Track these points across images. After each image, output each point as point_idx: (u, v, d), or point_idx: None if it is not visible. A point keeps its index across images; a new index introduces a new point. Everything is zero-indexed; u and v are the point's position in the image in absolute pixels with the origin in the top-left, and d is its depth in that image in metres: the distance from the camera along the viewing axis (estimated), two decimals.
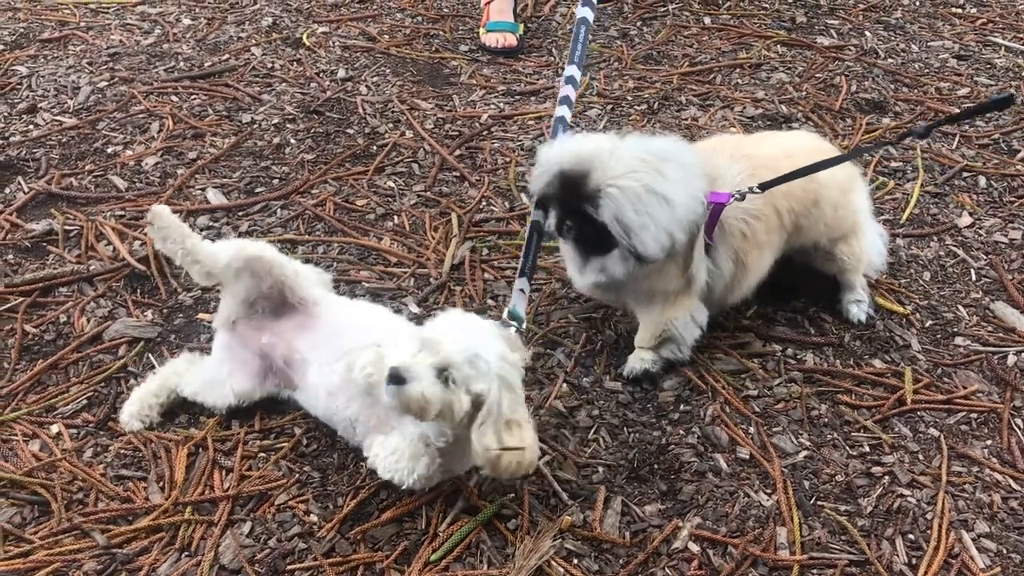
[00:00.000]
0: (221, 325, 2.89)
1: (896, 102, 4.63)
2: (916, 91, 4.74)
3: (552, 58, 5.03)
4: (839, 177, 3.08)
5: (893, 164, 4.19)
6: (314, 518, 2.54)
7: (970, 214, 3.86)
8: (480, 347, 2.34)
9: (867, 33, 5.27)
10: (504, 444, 2.33)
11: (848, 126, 4.45)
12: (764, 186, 2.83)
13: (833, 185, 3.06)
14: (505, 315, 2.74)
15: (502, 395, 2.34)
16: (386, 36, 5.19)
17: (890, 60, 5.02)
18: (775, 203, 2.93)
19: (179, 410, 2.85)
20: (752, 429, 2.88)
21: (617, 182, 2.66)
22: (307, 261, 3.44)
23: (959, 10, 5.57)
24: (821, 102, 4.61)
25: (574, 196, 2.72)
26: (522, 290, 2.85)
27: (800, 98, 4.65)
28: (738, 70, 4.92)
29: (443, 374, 2.29)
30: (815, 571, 2.48)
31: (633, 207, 2.65)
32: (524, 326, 2.72)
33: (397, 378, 2.26)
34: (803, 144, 3.19)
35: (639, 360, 3.01)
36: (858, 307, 3.29)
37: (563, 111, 3.30)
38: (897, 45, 5.17)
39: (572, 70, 3.44)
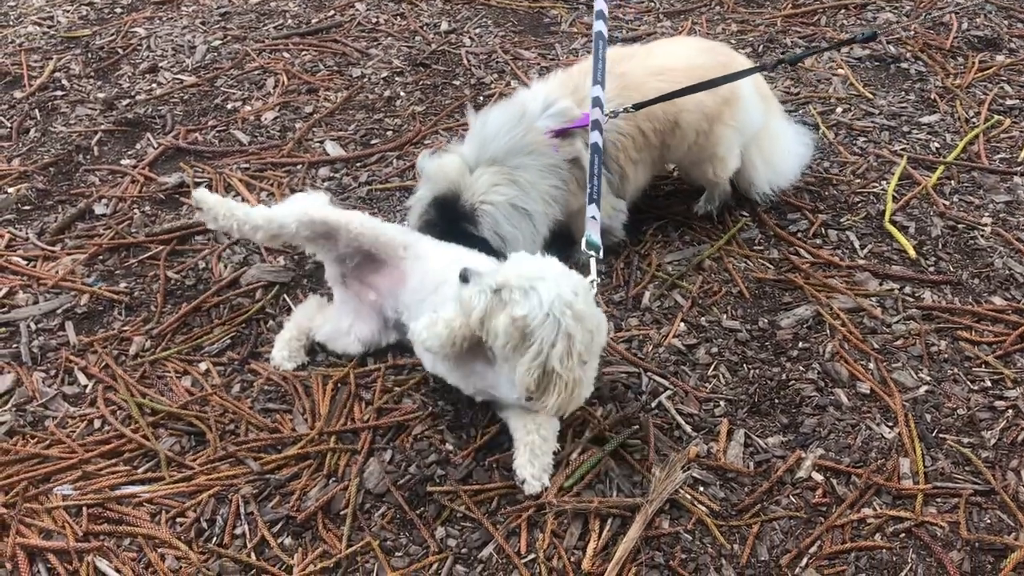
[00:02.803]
0: (333, 282, 3.05)
1: (1011, 39, 4.52)
2: None
3: (653, 4, 5.02)
4: (706, 104, 3.17)
5: (1009, 102, 4.11)
6: (450, 447, 2.68)
7: None
8: (543, 285, 2.34)
9: None
10: (531, 389, 2.38)
11: (960, 65, 4.37)
12: (638, 106, 3.07)
13: (696, 111, 3.17)
14: (583, 244, 2.76)
15: (557, 340, 2.33)
16: None
17: None
18: (639, 124, 3.15)
19: (317, 348, 3.01)
20: (871, 365, 2.91)
21: (486, 198, 2.99)
22: None
23: None
24: (931, 41, 4.53)
25: (451, 218, 3.00)
26: (593, 217, 2.83)
27: (908, 37, 4.57)
28: (843, 11, 4.85)
29: (499, 293, 2.38)
30: (939, 500, 2.53)
31: (507, 220, 3.01)
32: (601, 253, 2.75)
33: (463, 277, 2.45)
34: (677, 62, 3.24)
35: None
36: (704, 206, 3.52)
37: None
38: None
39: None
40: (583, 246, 2.77)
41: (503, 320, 2.36)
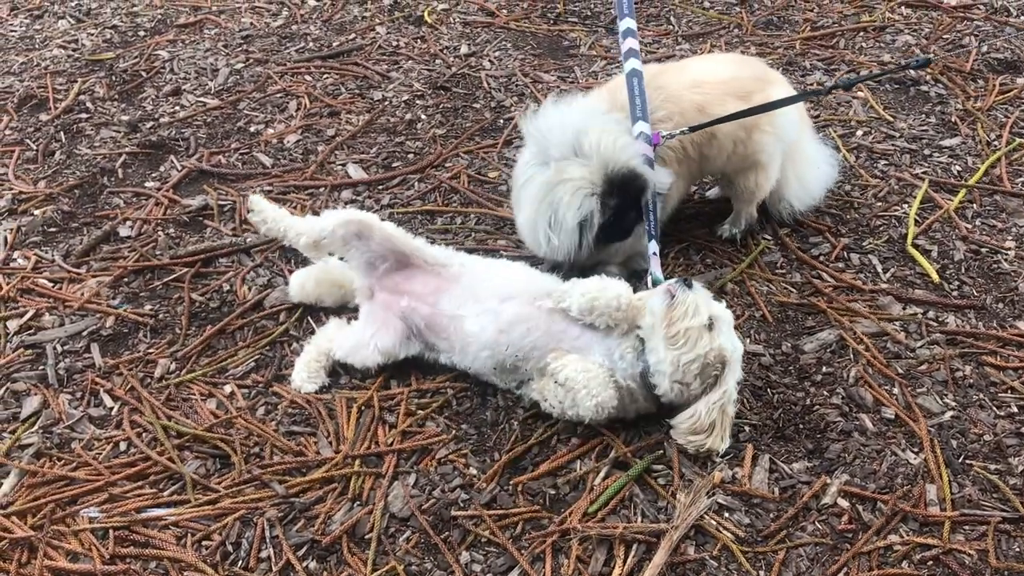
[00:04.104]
0: (361, 297, 3.09)
1: None
2: None
3: (671, 27, 5.05)
4: None
5: None
6: (473, 471, 2.69)
7: None
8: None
9: None
10: (703, 429, 2.63)
11: (980, 87, 4.37)
12: (693, 128, 3.11)
13: (733, 122, 3.16)
14: (649, 281, 2.86)
15: (733, 380, 2.64)
16: (504, 11, 5.29)
17: (1023, 17, 4.88)
18: (680, 139, 3.16)
19: (340, 371, 3.02)
20: (896, 390, 2.90)
21: (625, 153, 2.95)
22: (446, 231, 3.61)
23: None
24: (950, 64, 4.53)
25: (628, 190, 2.98)
26: (654, 253, 2.97)
27: None
28: (862, 33, 4.86)
29: (709, 319, 2.61)
30: (967, 527, 2.51)
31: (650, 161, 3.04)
32: None
33: (688, 283, 2.65)
34: (712, 75, 3.28)
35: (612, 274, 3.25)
36: (729, 229, 3.53)
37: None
38: None
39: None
40: (648, 282, 2.90)
41: (706, 344, 2.59)
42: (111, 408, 2.96)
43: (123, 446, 2.83)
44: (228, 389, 3.00)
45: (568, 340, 2.76)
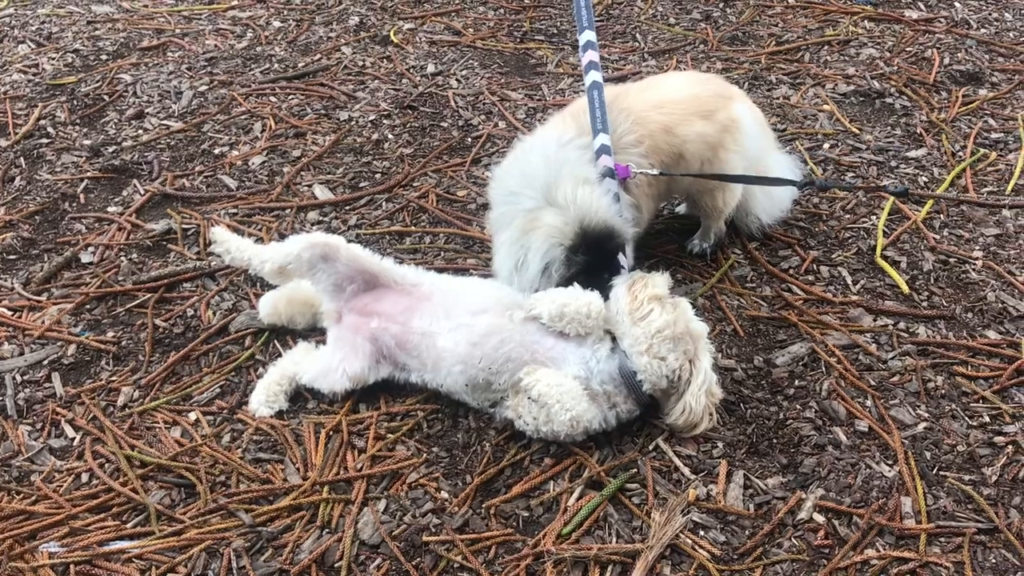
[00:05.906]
0: (328, 321, 3.05)
1: (992, 72, 4.57)
2: (1013, 60, 4.67)
3: (637, 43, 5.06)
4: (708, 134, 3.17)
5: (993, 136, 4.14)
6: (445, 495, 2.64)
7: None
8: None
9: (957, 4, 5.20)
10: (699, 418, 2.72)
11: (944, 99, 4.41)
12: (664, 172, 3.11)
13: (698, 141, 3.16)
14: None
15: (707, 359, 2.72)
16: (471, 30, 5.28)
17: (983, 30, 4.95)
18: (648, 159, 3.13)
19: (307, 395, 2.97)
20: (869, 402, 2.89)
21: (605, 211, 2.89)
22: (415, 251, 3.57)
23: None
24: (914, 76, 4.57)
25: (600, 246, 2.89)
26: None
27: (892, 73, 4.61)
28: (826, 47, 4.89)
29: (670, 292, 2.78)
30: (943, 539, 2.49)
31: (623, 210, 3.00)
32: None
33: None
34: (675, 94, 3.25)
35: None
36: (699, 244, 3.52)
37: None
38: (989, 14, 5.09)
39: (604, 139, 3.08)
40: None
41: (671, 311, 2.67)
42: (72, 439, 2.88)
43: (85, 477, 2.75)
44: (193, 416, 2.94)
45: (542, 351, 2.73)
